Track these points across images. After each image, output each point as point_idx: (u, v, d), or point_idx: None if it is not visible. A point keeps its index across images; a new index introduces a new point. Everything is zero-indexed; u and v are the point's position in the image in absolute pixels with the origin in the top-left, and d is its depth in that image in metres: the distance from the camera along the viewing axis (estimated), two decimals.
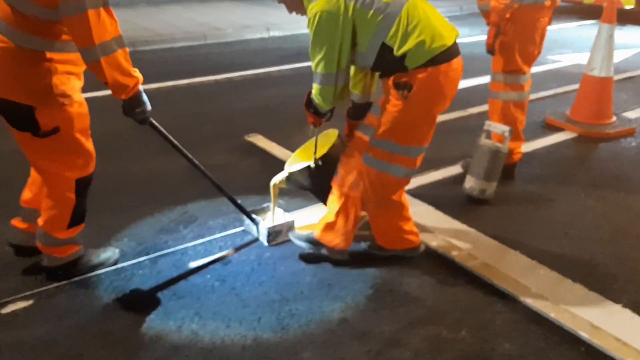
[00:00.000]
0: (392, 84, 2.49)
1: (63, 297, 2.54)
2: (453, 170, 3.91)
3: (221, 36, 8.49)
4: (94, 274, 2.70)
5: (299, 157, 3.06)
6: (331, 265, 2.80)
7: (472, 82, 5.83)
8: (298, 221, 3.09)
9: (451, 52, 2.47)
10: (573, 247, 3.01)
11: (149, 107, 2.41)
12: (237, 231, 3.11)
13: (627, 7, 9.32)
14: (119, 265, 2.78)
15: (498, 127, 3.48)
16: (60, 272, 2.65)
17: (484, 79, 5.14)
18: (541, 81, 5.92)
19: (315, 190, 3.03)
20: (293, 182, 3.02)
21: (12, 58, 2.19)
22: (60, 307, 2.48)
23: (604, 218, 3.34)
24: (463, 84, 5.62)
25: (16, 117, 2.29)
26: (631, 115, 5.06)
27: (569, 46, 8.05)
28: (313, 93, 2.62)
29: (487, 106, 3.89)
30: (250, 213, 3.01)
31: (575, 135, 4.63)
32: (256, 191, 3.46)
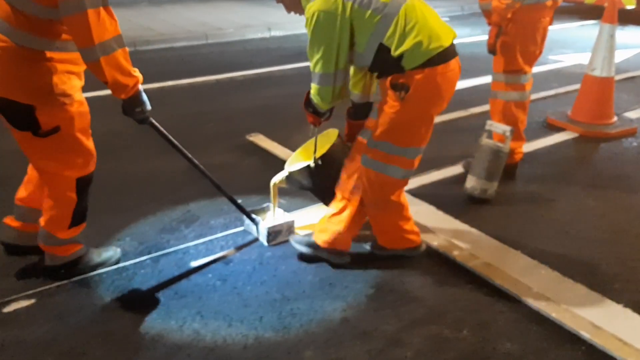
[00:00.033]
0: (389, 85, 2.48)
1: (65, 296, 2.55)
2: (454, 170, 3.91)
3: (222, 36, 8.49)
4: (96, 273, 2.70)
5: (299, 157, 3.06)
6: (333, 262, 2.79)
7: (474, 82, 5.84)
8: (298, 221, 3.10)
9: (448, 53, 2.46)
10: (574, 247, 3.01)
11: (149, 107, 2.41)
12: (239, 230, 3.11)
13: (628, 7, 9.39)
14: (121, 264, 2.78)
15: (499, 127, 3.48)
16: (62, 271, 2.65)
17: (485, 79, 5.15)
18: (542, 81, 5.92)
19: (315, 189, 3.02)
20: (293, 182, 3.02)
21: (13, 57, 2.19)
22: (62, 306, 2.48)
23: (605, 218, 3.34)
24: (464, 84, 5.72)
25: (16, 117, 2.29)
26: (632, 115, 5.06)
27: (570, 46, 8.05)
28: (312, 93, 2.62)
29: (489, 106, 3.90)
30: (250, 213, 3.02)
31: (576, 135, 4.63)
32: (257, 191, 3.46)
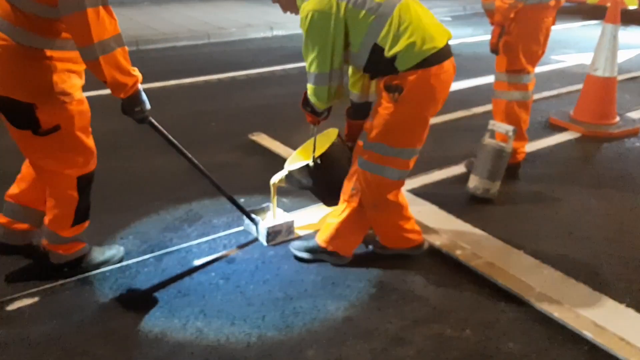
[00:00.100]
0: (384, 87, 2.48)
1: (68, 295, 2.56)
2: (457, 169, 3.91)
3: (225, 35, 8.51)
4: (99, 272, 2.71)
5: (299, 156, 3.06)
6: (334, 263, 2.80)
7: (476, 82, 5.81)
8: (298, 221, 3.10)
9: (442, 54, 2.44)
10: (577, 247, 3.01)
11: (148, 106, 2.39)
12: (241, 229, 3.11)
13: (631, 8, 9.38)
14: (124, 263, 2.79)
15: (502, 127, 3.48)
16: (65, 270, 2.66)
17: (488, 79, 5.16)
18: (545, 81, 5.91)
19: (314, 189, 3.03)
20: (292, 181, 3.02)
21: (13, 56, 2.19)
22: (65, 304, 2.49)
23: (608, 218, 3.34)
24: (467, 84, 5.72)
25: (17, 115, 2.28)
26: (635, 115, 5.05)
27: (573, 46, 8.04)
28: (308, 93, 2.61)
29: (491, 106, 3.90)
30: (249, 213, 3.01)
31: (578, 135, 4.63)
32: (259, 190, 3.46)
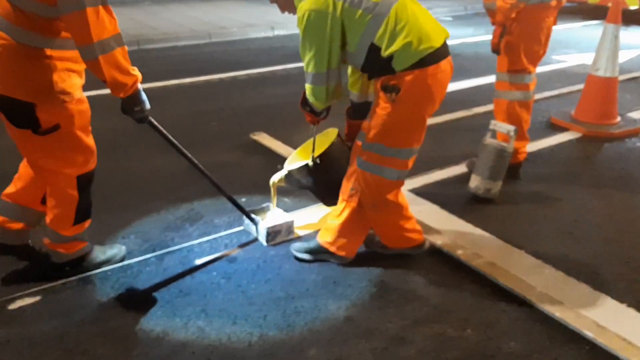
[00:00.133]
0: (380, 87, 2.47)
1: (70, 294, 2.56)
2: (458, 169, 3.91)
3: (226, 35, 8.51)
4: (101, 271, 2.71)
5: (299, 156, 3.07)
6: (336, 263, 2.80)
7: (477, 82, 5.81)
8: (298, 221, 3.10)
9: (439, 54, 2.43)
10: (578, 247, 3.01)
11: (148, 106, 2.39)
12: (242, 229, 3.12)
13: (632, 8, 9.37)
14: (126, 262, 2.79)
15: (503, 127, 3.48)
16: (67, 269, 2.66)
17: (489, 79, 5.16)
18: (546, 81, 5.91)
19: (314, 189, 3.03)
20: (292, 181, 3.02)
21: (13, 55, 2.19)
22: (67, 304, 2.49)
23: (609, 218, 3.34)
24: (468, 84, 5.72)
25: (17, 115, 2.28)
26: (636, 115, 5.05)
27: (574, 46, 8.04)
28: (306, 93, 2.61)
29: (493, 106, 3.90)
30: (249, 213, 3.01)
31: (580, 135, 4.63)
32: (260, 189, 3.46)
